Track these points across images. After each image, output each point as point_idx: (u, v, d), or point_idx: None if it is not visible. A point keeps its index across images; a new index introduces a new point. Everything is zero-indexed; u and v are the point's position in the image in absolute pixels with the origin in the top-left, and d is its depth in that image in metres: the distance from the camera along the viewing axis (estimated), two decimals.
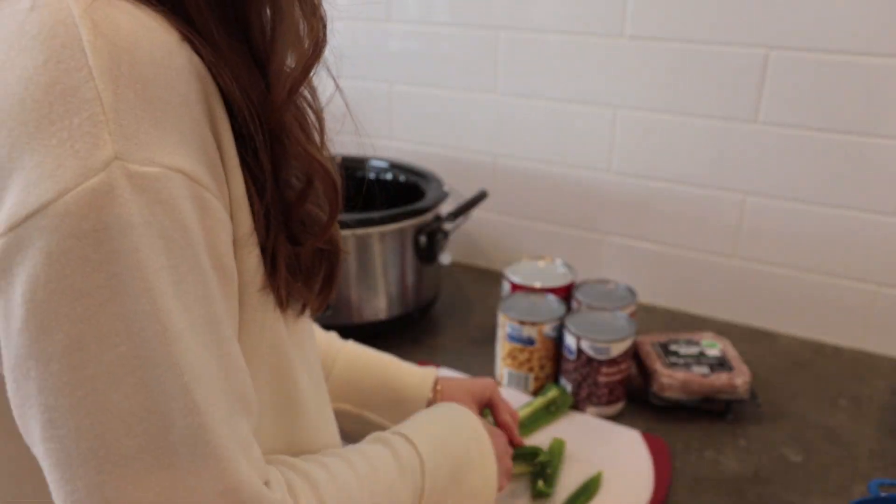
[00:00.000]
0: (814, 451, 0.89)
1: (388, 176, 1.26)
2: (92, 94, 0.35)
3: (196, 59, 0.40)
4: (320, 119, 0.49)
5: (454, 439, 0.63)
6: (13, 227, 0.35)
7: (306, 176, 0.47)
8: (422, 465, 0.57)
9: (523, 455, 0.81)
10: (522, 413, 0.88)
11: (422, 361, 1.04)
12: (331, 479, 0.50)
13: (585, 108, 1.20)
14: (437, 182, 1.18)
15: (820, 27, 1.01)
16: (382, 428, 0.75)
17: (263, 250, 0.46)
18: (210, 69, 0.41)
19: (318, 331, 0.82)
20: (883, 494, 0.73)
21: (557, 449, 0.85)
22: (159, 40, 0.38)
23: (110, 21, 0.36)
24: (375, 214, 1.04)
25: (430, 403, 0.78)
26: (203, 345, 0.39)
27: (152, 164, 0.36)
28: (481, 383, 0.81)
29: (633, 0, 1.11)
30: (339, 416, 0.78)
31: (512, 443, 0.80)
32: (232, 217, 0.43)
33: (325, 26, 0.46)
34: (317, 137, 0.49)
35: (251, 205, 0.44)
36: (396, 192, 1.21)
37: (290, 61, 0.45)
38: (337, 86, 0.49)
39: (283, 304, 0.49)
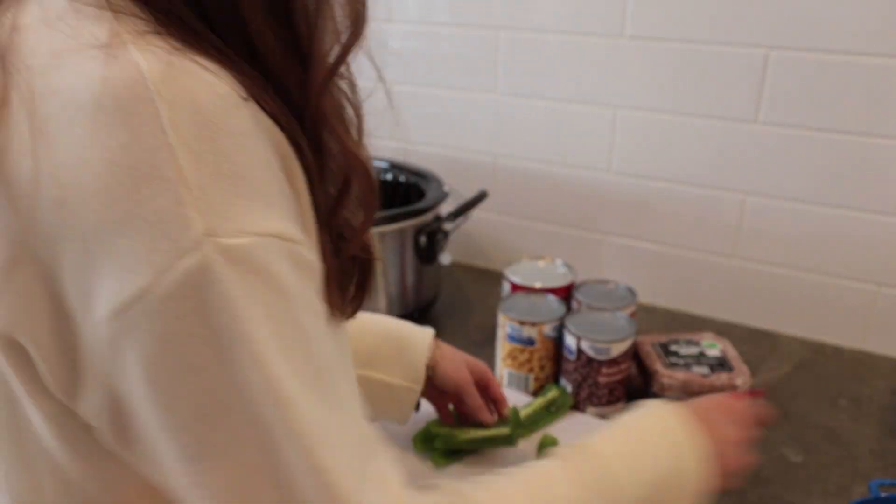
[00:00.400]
0: (814, 451, 0.89)
1: (388, 176, 1.25)
2: (175, 174, 0.35)
3: (259, 113, 0.39)
4: (359, 115, 0.48)
5: (659, 463, 0.57)
6: (117, 314, 0.36)
7: (344, 177, 0.46)
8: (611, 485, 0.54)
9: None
10: (523, 413, 0.88)
11: None
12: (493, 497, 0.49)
13: (585, 108, 1.20)
14: (437, 182, 1.18)
15: (820, 27, 1.01)
16: (386, 383, 0.77)
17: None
18: (267, 109, 0.40)
19: None
20: (883, 495, 0.73)
21: (549, 443, 0.86)
22: (232, 106, 0.37)
23: (186, 92, 0.36)
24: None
25: (429, 361, 0.79)
26: (318, 402, 0.40)
27: (243, 235, 0.37)
28: (476, 361, 0.84)
29: (633, 0, 1.11)
30: None
31: (499, 414, 0.83)
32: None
33: (365, 6, 0.45)
34: (355, 134, 0.48)
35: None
36: (396, 192, 1.21)
37: (332, 48, 0.45)
38: (380, 75, 0.49)
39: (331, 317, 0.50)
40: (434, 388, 0.81)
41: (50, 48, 0.37)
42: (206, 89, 0.37)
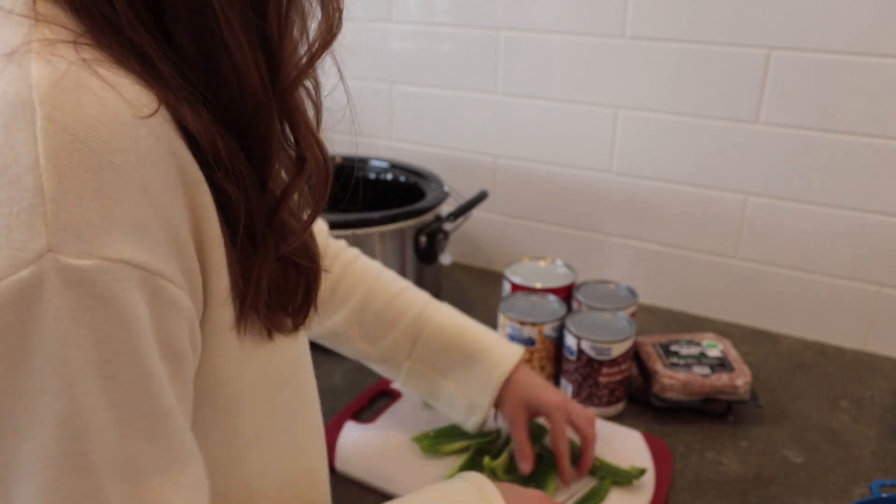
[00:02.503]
0: (815, 452, 0.89)
1: (388, 176, 1.25)
2: (35, 183, 0.34)
3: (170, 131, 0.39)
4: (319, 113, 0.49)
5: None
6: None
7: (297, 163, 0.47)
8: None
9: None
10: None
11: None
12: None
13: (586, 108, 1.20)
14: (437, 182, 1.17)
15: (820, 27, 1.01)
16: (455, 396, 0.81)
17: (244, 284, 0.46)
18: (179, 119, 0.40)
19: (412, 289, 0.84)
20: (884, 495, 0.72)
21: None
22: (122, 125, 0.37)
23: (72, 106, 0.35)
24: (375, 214, 1.03)
25: (504, 386, 0.80)
26: (132, 439, 0.38)
27: (89, 257, 0.35)
28: (552, 401, 0.80)
29: (634, 0, 1.11)
30: (418, 373, 0.82)
31: (562, 471, 0.81)
32: (206, 284, 0.42)
33: (340, 12, 0.46)
34: (315, 130, 0.48)
35: (227, 250, 0.43)
36: (396, 192, 1.21)
37: (301, 46, 0.45)
38: (341, 76, 0.48)
39: (268, 329, 0.49)
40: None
41: None
42: (94, 104, 0.36)
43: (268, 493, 0.54)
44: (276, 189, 0.47)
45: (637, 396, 0.97)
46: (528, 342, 0.96)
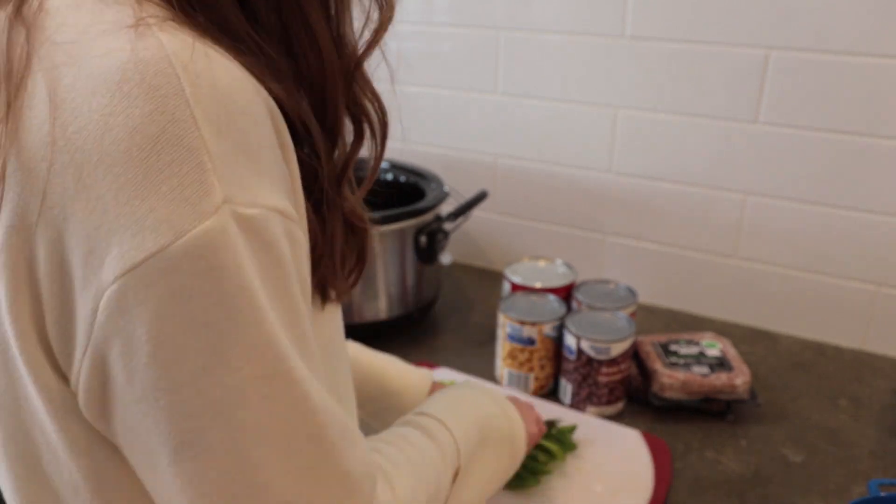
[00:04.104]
0: (814, 451, 0.89)
1: (388, 176, 1.26)
2: (198, 143, 0.37)
3: (267, 95, 0.42)
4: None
5: (474, 407, 0.68)
6: (131, 269, 0.37)
7: (358, 128, 0.52)
8: (454, 439, 0.62)
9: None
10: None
11: (422, 362, 1.04)
12: (398, 473, 0.55)
13: (585, 108, 1.20)
14: (438, 182, 1.18)
15: (820, 27, 1.01)
16: (373, 429, 0.80)
17: (321, 241, 0.49)
18: (274, 93, 0.43)
19: None
20: (883, 494, 0.73)
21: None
22: (247, 91, 0.40)
23: (207, 73, 0.38)
24: (375, 214, 1.03)
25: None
26: (301, 359, 0.43)
27: (255, 206, 0.39)
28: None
29: (633, 0, 1.11)
30: None
31: None
32: None
33: (392, 3, 0.50)
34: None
35: (308, 210, 0.47)
36: (396, 192, 1.21)
37: (356, 33, 0.50)
38: (392, 83, 0.55)
39: (326, 295, 0.53)
40: None
41: (76, 27, 0.39)
42: (224, 71, 0.39)
43: None
44: (340, 157, 0.51)
45: (636, 396, 0.98)
46: (528, 342, 0.97)
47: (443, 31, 1.28)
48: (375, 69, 0.53)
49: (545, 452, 0.83)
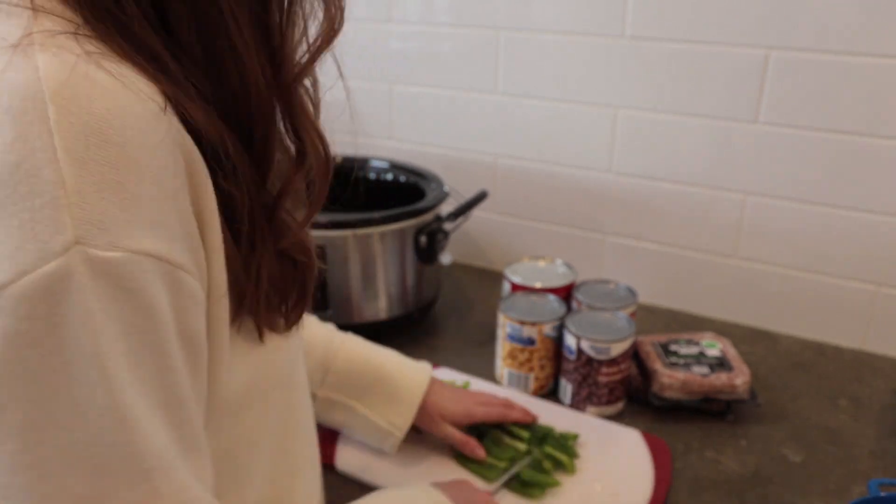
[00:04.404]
0: (814, 451, 0.89)
1: (388, 176, 1.25)
2: (55, 177, 0.34)
3: (175, 123, 0.39)
4: (317, 110, 0.49)
5: None
6: None
7: (298, 158, 0.47)
8: None
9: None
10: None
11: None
12: None
13: (586, 108, 1.20)
14: (438, 182, 1.18)
15: (820, 27, 1.01)
16: (370, 420, 0.81)
17: (245, 277, 0.46)
18: (184, 114, 0.40)
19: (316, 324, 0.84)
20: (883, 494, 0.73)
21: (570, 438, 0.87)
22: (134, 117, 0.37)
23: (84, 99, 0.35)
24: (375, 214, 1.03)
25: (421, 406, 0.82)
26: (162, 428, 0.39)
27: (116, 249, 0.36)
28: (456, 412, 0.84)
29: (633, 0, 1.11)
30: (331, 405, 0.82)
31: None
32: (209, 270, 0.43)
33: (342, 10, 0.46)
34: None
35: (226, 242, 0.44)
36: (396, 192, 1.21)
37: (302, 44, 0.46)
38: (340, 73, 0.49)
39: (260, 330, 0.49)
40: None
41: None
42: (105, 97, 0.36)
43: (256, 492, 0.55)
44: (274, 186, 0.47)
45: (636, 396, 0.98)
46: (528, 342, 0.97)
47: (443, 31, 1.28)
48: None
49: (551, 460, 0.83)
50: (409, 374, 0.83)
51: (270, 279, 0.48)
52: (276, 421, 0.55)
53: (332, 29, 0.46)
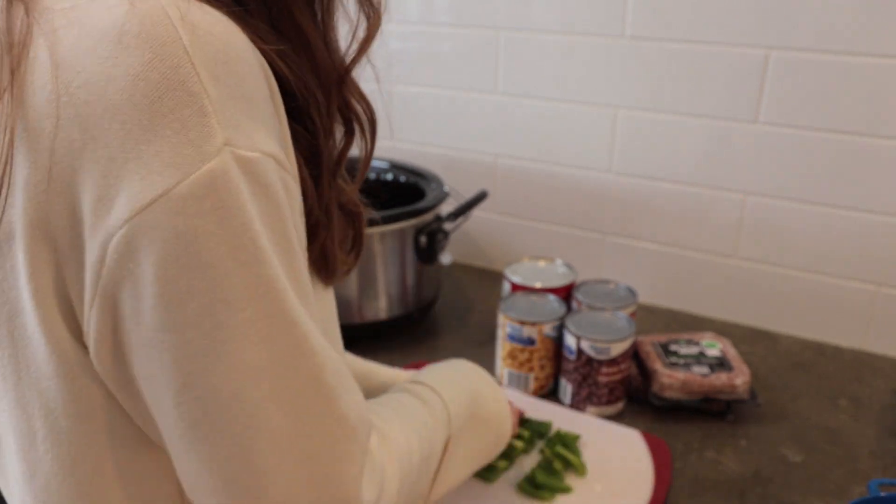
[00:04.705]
0: (814, 451, 0.89)
1: (388, 176, 1.25)
2: (198, 88, 0.38)
3: (261, 56, 0.43)
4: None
5: (463, 379, 0.71)
6: (139, 212, 0.38)
7: (346, 127, 0.53)
8: (446, 408, 0.65)
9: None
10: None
11: (422, 362, 1.04)
12: (392, 431, 0.56)
13: (585, 108, 1.20)
14: (438, 182, 1.18)
15: (820, 27, 1.01)
16: None
17: (319, 212, 0.51)
18: (272, 62, 0.45)
19: None
20: (883, 494, 0.73)
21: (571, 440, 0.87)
22: (240, 42, 0.41)
23: (204, 24, 0.40)
24: (375, 214, 1.03)
25: None
26: (302, 304, 0.44)
27: (254, 150, 0.40)
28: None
29: (633, 0, 1.11)
30: None
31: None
32: None
33: (379, 12, 0.52)
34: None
35: (301, 173, 0.48)
36: (396, 192, 1.21)
37: (343, 39, 0.51)
38: (377, 83, 0.57)
39: (326, 272, 0.54)
40: None
41: None
42: (219, 22, 0.41)
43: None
44: (333, 150, 0.52)
45: (636, 396, 0.98)
46: (528, 342, 0.97)
47: (443, 31, 1.28)
48: (364, 70, 0.55)
49: (561, 460, 0.83)
50: (397, 372, 0.84)
51: (334, 225, 0.53)
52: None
53: (377, 19, 0.52)
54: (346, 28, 0.52)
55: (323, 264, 0.53)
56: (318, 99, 0.49)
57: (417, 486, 0.59)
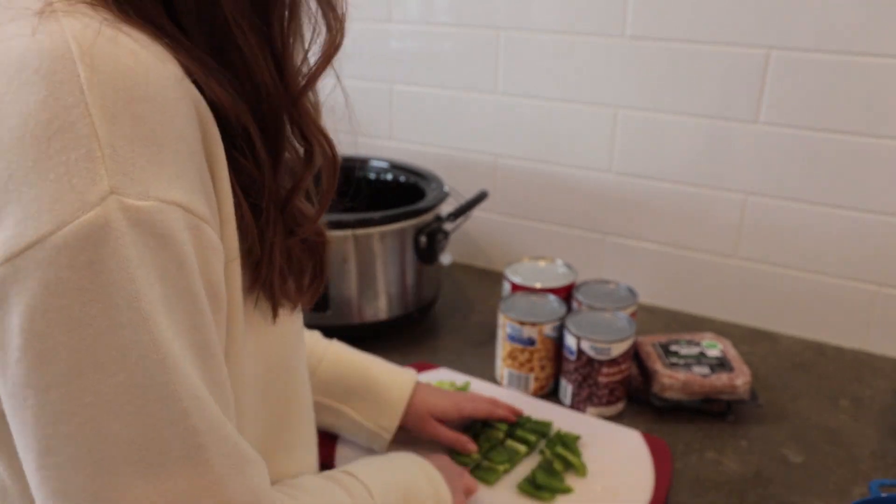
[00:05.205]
0: (815, 451, 0.89)
1: (388, 176, 1.25)
2: (88, 131, 0.36)
3: (192, 88, 0.41)
4: (317, 112, 0.52)
5: (400, 475, 0.66)
6: (10, 258, 0.36)
7: (306, 157, 0.50)
8: (371, 496, 0.60)
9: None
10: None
11: (422, 362, 1.04)
12: None
13: (586, 108, 1.20)
14: (438, 182, 1.18)
15: (820, 27, 1.01)
16: (358, 423, 0.82)
17: (260, 250, 0.48)
18: (210, 91, 0.42)
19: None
20: (883, 495, 0.72)
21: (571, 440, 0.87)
22: (156, 76, 0.39)
23: (109, 58, 0.37)
24: (375, 214, 1.03)
25: (408, 406, 0.82)
26: (195, 370, 0.40)
27: (147, 199, 0.37)
28: (444, 406, 0.84)
29: (633, 0, 1.11)
30: (319, 408, 0.82)
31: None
32: (221, 236, 0.44)
33: (342, 24, 0.48)
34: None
35: (241, 210, 0.45)
36: (396, 192, 1.21)
37: (303, 55, 0.48)
38: (339, 79, 0.51)
39: (275, 307, 0.51)
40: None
41: None
42: (129, 57, 0.38)
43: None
44: (285, 183, 0.49)
45: (637, 396, 0.98)
46: (528, 342, 0.96)
47: (443, 31, 1.28)
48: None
49: (562, 461, 0.83)
50: (395, 377, 0.84)
51: (287, 257, 0.51)
52: (276, 405, 0.56)
53: (332, 45, 0.48)
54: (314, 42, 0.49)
55: (268, 302, 0.51)
56: (265, 128, 0.46)
57: None
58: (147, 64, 0.38)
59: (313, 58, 0.48)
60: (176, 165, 0.39)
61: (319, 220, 0.54)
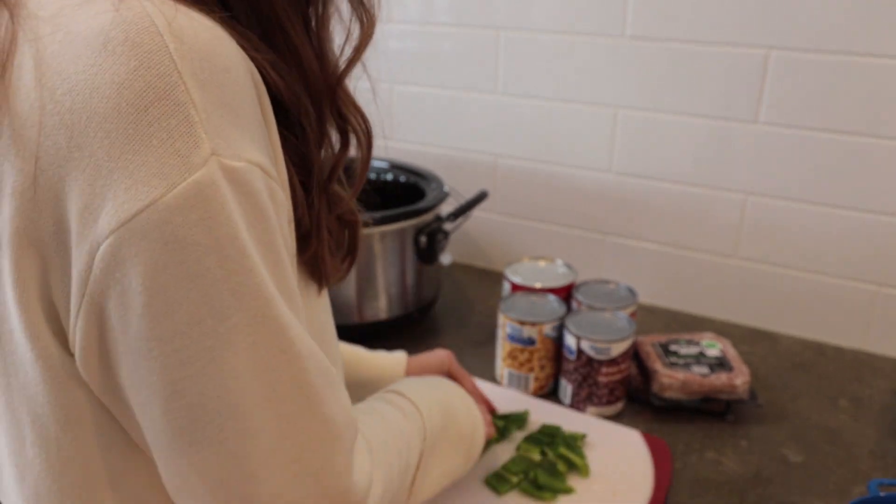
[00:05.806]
0: (814, 451, 0.89)
1: (388, 176, 1.25)
2: (185, 97, 0.38)
3: (250, 63, 0.43)
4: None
5: (439, 392, 0.72)
6: (125, 223, 0.38)
7: (342, 136, 0.54)
8: (419, 411, 0.66)
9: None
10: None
11: None
12: (375, 439, 0.57)
13: (586, 108, 1.20)
14: (438, 182, 1.18)
15: (820, 27, 1.01)
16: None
17: (309, 224, 0.51)
18: (261, 69, 0.45)
19: None
20: (883, 494, 0.73)
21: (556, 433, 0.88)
22: (228, 48, 0.41)
23: (190, 31, 0.39)
24: (375, 214, 1.03)
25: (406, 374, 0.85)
26: (290, 309, 0.44)
27: (240, 159, 0.40)
28: (437, 356, 0.87)
29: (633, 0, 1.11)
30: None
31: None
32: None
33: (373, 19, 0.53)
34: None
35: (293, 182, 0.48)
36: (396, 192, 1.21)
37: (338, 45, 0.52)
38: (369, 78, 0.57)
39: (320, 280, 0.54)
40: None
41: (59, 1, 0.40)
42: (206, 29, 0.41)
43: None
44: (326, 160, 0.53)
45: (636, 396, 0.98)
46: (528, 342, 0.96)
47: (443, 31, 1.28)
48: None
49: (565, 461, 0.83)
50: (385, 364, 0.84)
51: (328, 233, 0.54)
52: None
53: (367, 34, 0.52)
54: (342, 33, 0.52)
55: (314, 272, 0.54)
56: (309, 109, 0.49)
57: (397, 497, 0.60)
58: (220, 37, 0.41)
59: (346, 49, 0.52)
60: (251, 130, 0.42)
61: (355, 206, 0.58)
